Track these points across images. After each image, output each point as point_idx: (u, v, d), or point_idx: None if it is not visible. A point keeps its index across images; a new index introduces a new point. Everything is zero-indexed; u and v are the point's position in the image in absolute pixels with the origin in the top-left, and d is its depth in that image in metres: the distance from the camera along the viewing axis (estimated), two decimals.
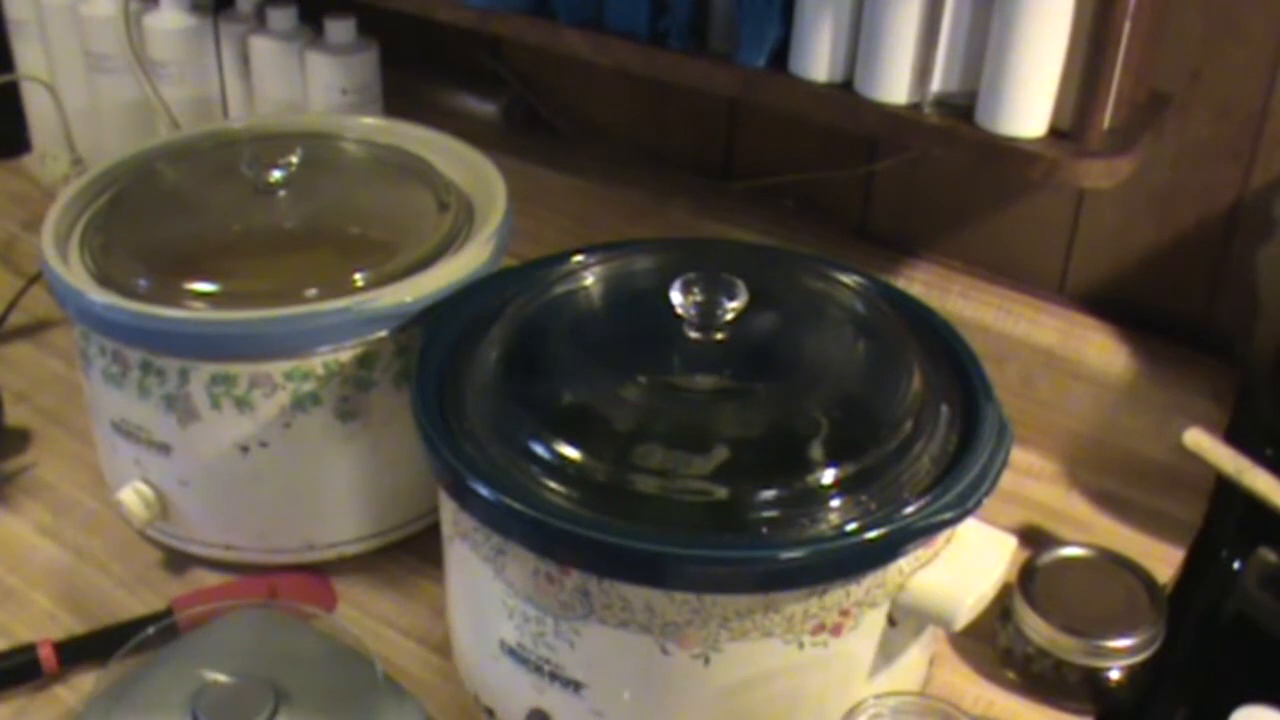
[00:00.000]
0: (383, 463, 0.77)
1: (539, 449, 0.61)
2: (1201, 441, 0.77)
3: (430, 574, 0.77)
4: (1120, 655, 0.70)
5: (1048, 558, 0.75)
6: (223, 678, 0.63)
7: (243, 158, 0.83)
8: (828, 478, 0.59)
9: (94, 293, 0.74)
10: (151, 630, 0.68)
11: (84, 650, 0.73)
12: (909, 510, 0.59)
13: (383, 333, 0.74)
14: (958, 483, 0.60)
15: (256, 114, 1.07)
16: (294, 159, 0.83)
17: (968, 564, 0.62)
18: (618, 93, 1.13)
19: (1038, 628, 0.71)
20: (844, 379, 0.66)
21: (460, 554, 0.65)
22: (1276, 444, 0.80)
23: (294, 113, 1.04)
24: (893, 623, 0.62)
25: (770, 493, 0.58)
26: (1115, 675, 0.71)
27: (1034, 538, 0.81)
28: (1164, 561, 0.79)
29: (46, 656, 0.72)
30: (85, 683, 0.72)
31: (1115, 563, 0.75)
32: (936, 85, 0.78)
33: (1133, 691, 0.71)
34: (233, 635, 0.68)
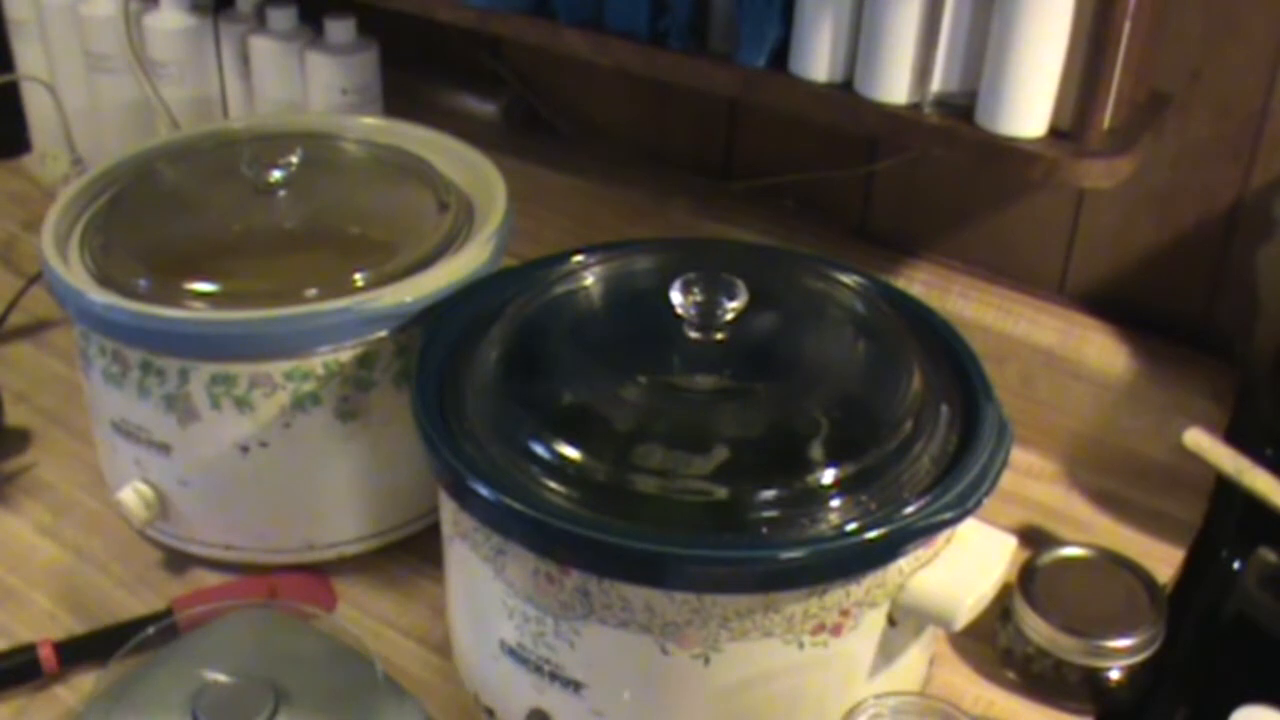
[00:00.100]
0: (383, 463, 0.77)
1: (539, 449, 0.61)
2: (1201, 441, 0.77)
3: (430, 574, 0.77)
4: (1120, 655, 0.70)
5: (1048, 558, 0.75)
6: (223, 678, 0.63)
7: (243, 158, 0.83)
8: (828, 478, 0.59)
9: (94, 293, 0.74)
10: (151, 630, 0.68)
11: (84, 650, 0.73)
12: (909, 510, 0.59)
13: (383, 333, 0.74)
14: (958, 483, 0.60)
15: (256, 114, 1.07)
16: (294, 159, 0.83)
17: (968, 564, 0.62)
18: (618, 93, 1.12)
19: (1038, 628, 0.71)
20: (844, 379, 0.66)
21: (460, 554, 0.65)
22: (1276, 444, 0.80)
23: (294, 113, 1.04)
24: (893, 623, 0.62)
25: (770, 493, 0.58)
26: (1115, 675, 0.71)
27: (1034, 538, 0.81)
28: (1164, 561, 0.79)
29: (46, 656, 0.72)
30: (85, 683, 0.72)
31: (1115, 563, 0.75)
32: (936, 85, 0.78)
33: (1133, 691, 0.71)
34: (233, 635, 0.68)
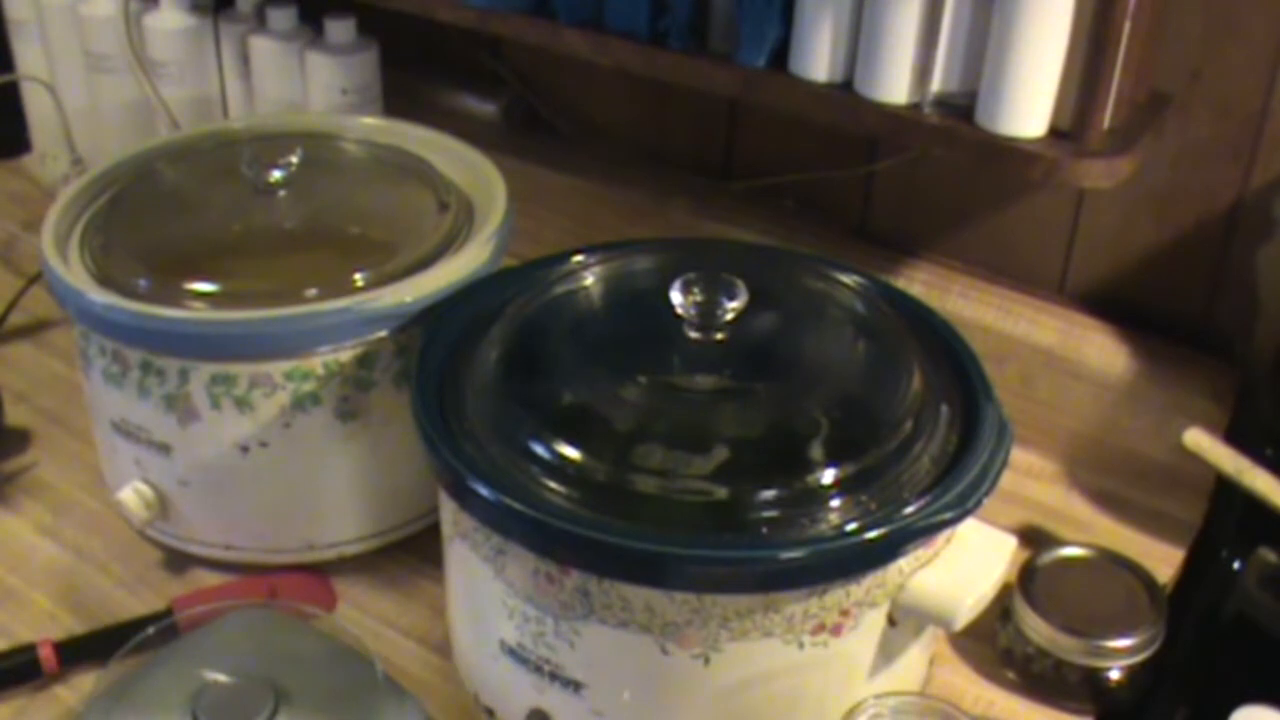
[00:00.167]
0: (383, 463, 0.77)
1: (539, 449, 0.61)
2: (1201, 441, 0.77)
3: (430, 574, 0.77)
4: (1120, 655, 0.70)
5: (1048, 558, 0.75)
6: (223, 678, 0.63)
7: (243, 158, 0.83)
8: (828, 478, 0.59)
9: (94, 293, 0.74)
10: (151, 630, 0.68)
11: (84, 650, 0.73)
12: (909, 510, 0.59)
13: (383, 333, 0.74)
14: (958, 483, 0.60)
15: (256, 114, 1.07)
16: (294, 159, 0.82)
17: (968, 564, 0.62)
18: (618, 93, 1.12)
19: (1038, 628, 0.71)
20: (844, 379, 0.66)
21: (460, 554, 0.65)
22: (1276, 444, 0.80)
23: (294, 113, 1.04)
24: (893, 623, 0.62)
25: (770, 493, 0.58)
26: (1115, 675, 0.71)
27: (1034, 538, 0.81)
28: (1164, 561, 0.79)
29: (46, 656, 0.72)
30: (85, 683, 0.72)
31: (1115, 563, 0.75)
32: (936, 85, 0.78)
33: (1133, 691, 0.71)
34: (233, 635, 0.68)
